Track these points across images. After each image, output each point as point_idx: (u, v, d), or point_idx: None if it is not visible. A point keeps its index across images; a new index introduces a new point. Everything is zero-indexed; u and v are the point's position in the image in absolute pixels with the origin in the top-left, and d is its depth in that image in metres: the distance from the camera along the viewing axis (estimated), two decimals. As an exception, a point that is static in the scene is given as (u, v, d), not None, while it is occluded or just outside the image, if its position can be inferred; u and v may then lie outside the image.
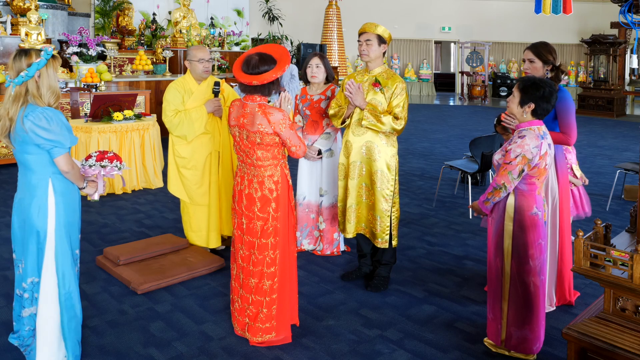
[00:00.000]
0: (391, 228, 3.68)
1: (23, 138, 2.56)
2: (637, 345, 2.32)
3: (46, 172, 2.65)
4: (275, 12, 17.20)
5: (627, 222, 5.17)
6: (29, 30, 9.01)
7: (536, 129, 2.83)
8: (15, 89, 2.58)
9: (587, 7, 17.76)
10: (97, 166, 2.88)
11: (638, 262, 2.30)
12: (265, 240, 3.03)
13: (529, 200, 2.84)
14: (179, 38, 12.14)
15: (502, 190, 2.83)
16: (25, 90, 2.58)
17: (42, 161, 2.63)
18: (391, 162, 3.66)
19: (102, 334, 3.15)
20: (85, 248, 4.50)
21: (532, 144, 2.76)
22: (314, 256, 4.39)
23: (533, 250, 2.85)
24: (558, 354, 3.01)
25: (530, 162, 2.76)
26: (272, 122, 2.91)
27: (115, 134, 6.10)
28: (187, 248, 4.30)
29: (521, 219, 2.84)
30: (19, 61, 2.59)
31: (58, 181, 2.68)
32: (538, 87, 2.83)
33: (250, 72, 2.94)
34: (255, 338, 3.04)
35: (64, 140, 2.61)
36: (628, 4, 3.45)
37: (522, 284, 2.86)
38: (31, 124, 2.53)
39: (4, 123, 2.60)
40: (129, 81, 9.46)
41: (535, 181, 2.82)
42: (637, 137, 10.67)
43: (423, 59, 20.04)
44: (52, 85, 2.64)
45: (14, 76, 2.58)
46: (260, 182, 3.01)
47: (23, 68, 2.58)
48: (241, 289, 3.11)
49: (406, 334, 3.21)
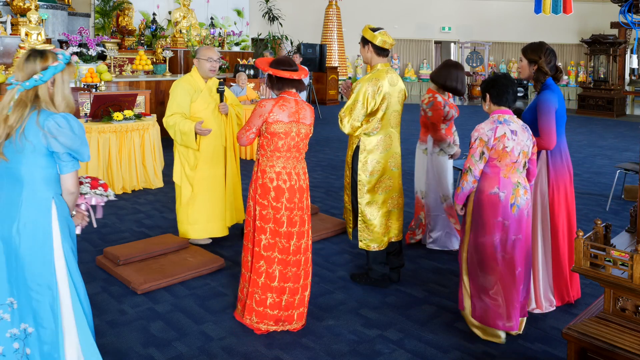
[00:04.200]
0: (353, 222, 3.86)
1: (34, 147, 2.22)
2: (637, 345, 2.32)
3: (50, 191, 2.30)
4: (275, 12, 17.19)
5: (627, 222, 5.17)
6: (29, 30, 9.01)
7: (496, 116, 3.10)
8: (21, 93, 2.24)
9: (587, 7, 17.75)
10: (91, 194, 2.57)
11: (638, 262, 2.30)
12: (304, 228, 3.26)
13: (490, 181, 3.05)
14: (179, 38, 12.14)
15: (469, 173, 3.07)
16: (34, 95, 2.25)
17: (48, 177, 2.28)
18: (349, 160, 3.80)
19: (102, 334, 3.15)
20: (85, 248, 4.50)
21: (486, 128, 3.04)
22: (314, 256, 4.39)
23: (491, 227, 3.04)
24: (558, 354, 3.01)
25: (487, 143, 3.01)
26: (313, 115, 3.27)
27: (115, 134, 6.10)
28: (187, 248, 4.30)
29: (480, 197, 3.08)
30: (32, 62, 2.27)
31: (61, 204, 2.33)
32: (487, 80, 3.20)
33: (292, 69, 3.18)
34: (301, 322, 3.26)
35: (84, 153, 2.31)
36: (628, 4, 3.45)
37: (478, 256, 3.09)
38: (56, 126, 2.22)
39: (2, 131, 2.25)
40: (129, 81, 9.46)
41: (497, 163, 3.04)
42: (637, 137, 10.67)
43: (423, 59, 20.04)
44: (67, 95, 2.33)
45: (24, 79, 2.25)
46: (304, 172, 3.28)
47: (37, 71, 2.26)
48: (294, 283, 3.23)
49: (406, 334, 3.21)
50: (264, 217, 3.15)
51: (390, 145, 3.72)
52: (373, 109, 3.61)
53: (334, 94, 16.29)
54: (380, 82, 3.61)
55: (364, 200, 3.72)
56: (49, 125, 2.22)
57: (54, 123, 2.23)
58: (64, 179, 2.31)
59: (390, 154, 3.73)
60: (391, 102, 3.67)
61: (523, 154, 3.06)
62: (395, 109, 3.71)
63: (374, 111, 3.62)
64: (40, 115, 2.24)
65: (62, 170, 2.30)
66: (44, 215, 2.28)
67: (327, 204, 5.84)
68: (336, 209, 5.70)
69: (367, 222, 3.74)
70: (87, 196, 2.57)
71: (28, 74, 2.26)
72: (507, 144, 3.00)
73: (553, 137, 3.30)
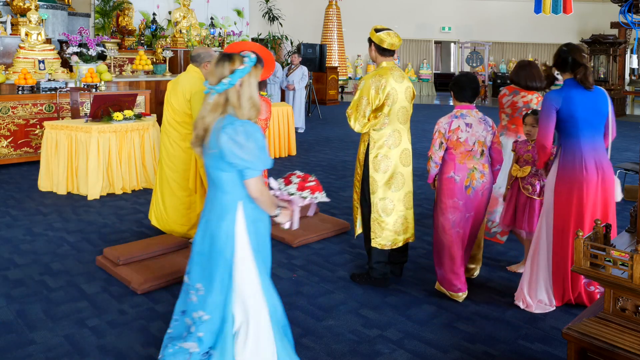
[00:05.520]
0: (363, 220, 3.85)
1: (219, 152, 2.31)
2: (637, 345, 2.32)
3: (237, 194, 2.39)
4: (275, 12, 17.20)
5: (627, 222, 5.16)
6: (29, 30, 9.01)
7: (455, 111, 3.60)
8: (215, 97, 2.34)
9: (587, 7, 17.75)
10: (297, 196, 2.68)
11: (638, 262, 2.30)
12: None
13: (447, 166, 3.57)
14: (179, 38, 12.14)
15: (430, 160, 3.59)
16: (224, 99, 2.34)
17: (234, 180, 2.37)
18: (361, 156, 3.83)
19: (102, 334, 3.15)
20: (85, 248, 4.50)
21: (443, 122, 3.57)
22: (314, 256, 4.39)
23: (446, 206, 3.57)
24: (558, 354, 3.01)
25: (444, 135, 3.53)
26: (269, 109, 3.40)
27: (115, 134, 6.10)
28: (187, 248, 4.30)
29: (440, 180, 3.63)
30: (221, 67, 2.34)
31: (250, 206, 2.42)
32: (452, 80, 3.70)
33: None
34: None
35: (258, 162, 2.32)
36: (628, 4, 3.45)
37: (437, 232, 3.66)
38: (227, 137, 2.27)
39: (198, 132, 2.37)
40: (129, 81, 9.46)
41: (453, 152, 3.56)
42: (637, 137, 10.67)
43: (423, 59, 20.05)
44: (253, 97, 2.37)
45: (215, 83, 2.34)
46: None
47: (225, 75, 2.32)
48: None
49: (406, 334, 3.21)
50: None
51: (400, 141, 3.74)
52: (378, 104, 3.66)
53: (334, 94, 16.28)
54: (384, 79, 3.65)
55: (377, 196, 3.73)
56: (222, 135, 2.28)
57: (228, 133, 2.27)
58: (246, 185, 2.36)
59: (401, 150, 3.76)
60: (398, 99, 3.68)
61: (479, 143, 3.55)
62: (402, 105, 3.73)
63: (380, 107, 3.66)
64: (223, 121, 2.32)
65: (243, 176, 2.36)
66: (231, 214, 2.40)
67: (327, 204, 5.84)
68: (336, 209, 5.70)
69: (380, 219, 3.74)
70: (292, 197, 2.66)
71: (218, 78, 2.34)
72: (461, 135, 3.51)
73: (545, 135, 3.37)
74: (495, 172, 3.73)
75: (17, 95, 7.50)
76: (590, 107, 3.35)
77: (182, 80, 4.44)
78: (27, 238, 4.72)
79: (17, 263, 4.17)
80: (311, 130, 11.32)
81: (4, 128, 7.28)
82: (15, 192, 6.13)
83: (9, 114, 7.33)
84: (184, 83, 4.38)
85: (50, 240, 4.68)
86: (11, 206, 5.63)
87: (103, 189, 6.01)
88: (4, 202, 5.74)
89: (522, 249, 4.59)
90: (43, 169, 6.18)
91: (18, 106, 7.41)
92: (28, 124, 7.50)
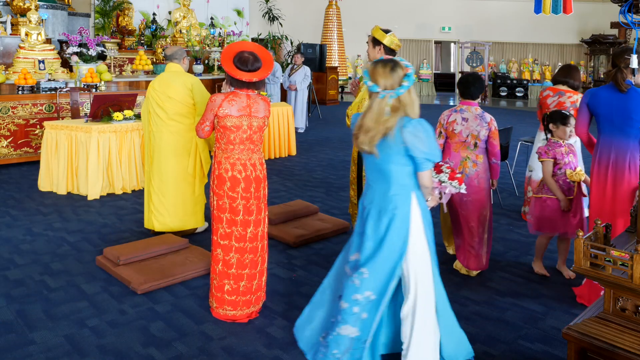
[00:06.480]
0: None
1: (404, 148, 2.52)
2: (637, 345, 2.31)
3: (411, 185, 2.61)
4: (275, 12, 17.20)
5: (627, 222, 5.16)
6: (29, 30, 9.01)
7: (457, 106, 4.02)
8: (394, 99, 2.53)
9: (587, 7, 17.75)
10: (448, 184, 2.94)
11: (638, 262, 2.30)
12: (261, 216, 3.38)
13: (445, 153, 4.02)
14: (179, 38, 12.14)
15: None
16: (398, 101, 2.54)
17: (409, 173, 2.59)
18: (354, 155, 4.10)
19: (102, 334, 3.16)
20: (85, 248, 4.50)
21: (445, 114, 4.04)
22: (314, 256, 4.39)
23: None
24: (558, 354, 3.01)
25: (443, 125, 4.02)
26: (268, 108, 3.37)
27: (115, 134, 6.10)
28: (187, 248, 4.30)
29: None
30: (396, 72, 2.54)
31: (421, 196, 2.64)
32: (459, 78, 3.96)
33: (247, 69, 3.22)
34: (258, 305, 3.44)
35: (435, 155, 2.55)
36: (628, 4, 3.45)
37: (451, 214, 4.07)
38: (411, 135, 2.49)
39: (374, 134, 2.54)
40: (129, 81, 9.47)
41: (449, 141, 4.03)
42: (637, 137, 10.65)
43: (423, 59, 20.04)
44: (414, 97, 2.61)
45: (392, 87, 2.53)
46: (261, 163, 3.37)
47: (402, 78, 2.54)
48: (251, 270, 3.35)
49: (406, 334, 3.20)
50: (220, 206, 3.29)
51: None
52: None
53: (334, 94, 16.28)
54: None
55: None
56: (406, 133, 2.50)
57: (410, 131, 2.50)
58: (420, 176, 2.60)
59: None
60: None
61: (472, 136, 3.92)
62: None
63: None
64: (404, 120, 2.53)
65: (418, 169, 2.58)
66: (406, 206, 2.60)
67: (327, 204, 5.84)
68: (336, 209, 5.70)
69: None
70: (444, 184, 2.92)
71: (397, 82, 2.54)
72: (456, 128, 3.95)
73: (577, 125, 3.77)
74: (494, 165, 4.00)
75: (17, 95, 7.50)
76: (615, 107, 3.45)
77: (172, 76, 4.64)
78: (27, 238, 4.72)
79: (17, 263, 4.17)
80: (311, 130, 11.32)
81: (4, 128, 7.28)
82: (15, 192, 6.13)
83: (9, 114, 7.33)
84: (179, 77, 4.61)
85: (50, 240, 4.68)
86: (11, 206, 5.62)
87: (103, 189, 6.00)
88: (4, 202, 5.74)
89: (520, 248, 4.60)
90: (43, 169, 6.19)
91: (18, 106, 7.42)
92: (28, 124, 7.50)
